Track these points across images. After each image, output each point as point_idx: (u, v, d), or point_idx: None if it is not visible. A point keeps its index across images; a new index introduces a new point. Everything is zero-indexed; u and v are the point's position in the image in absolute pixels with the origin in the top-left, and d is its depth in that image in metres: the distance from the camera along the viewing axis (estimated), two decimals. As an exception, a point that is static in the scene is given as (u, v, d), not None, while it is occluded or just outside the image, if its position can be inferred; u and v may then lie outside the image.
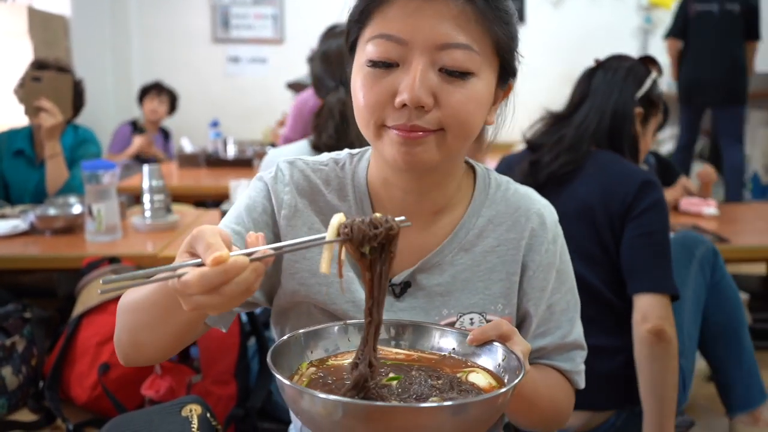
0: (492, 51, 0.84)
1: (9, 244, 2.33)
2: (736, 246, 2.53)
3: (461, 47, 0.81)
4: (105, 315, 2.10)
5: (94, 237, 2.35)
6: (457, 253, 0.94)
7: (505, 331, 0.77)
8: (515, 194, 0.99)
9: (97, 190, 2.31)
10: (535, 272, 0.95)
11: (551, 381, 0.96)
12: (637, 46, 5.89)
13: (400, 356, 0.80)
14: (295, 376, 0.74)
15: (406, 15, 0.80)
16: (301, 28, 5.48)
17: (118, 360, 0.91)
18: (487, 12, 0.82)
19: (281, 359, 0.73)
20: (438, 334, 0.82)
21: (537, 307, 0.96)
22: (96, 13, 5.20)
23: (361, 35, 0.86)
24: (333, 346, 0.80)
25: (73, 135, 2.97)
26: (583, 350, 1.00)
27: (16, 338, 2.17)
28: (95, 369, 2.04)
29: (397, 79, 0.82)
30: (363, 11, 0.85)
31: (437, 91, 0.81)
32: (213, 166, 4.22)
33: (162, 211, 2.53)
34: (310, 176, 0.97)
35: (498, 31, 0.83)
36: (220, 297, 0.64)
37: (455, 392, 0.70)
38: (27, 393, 2.20)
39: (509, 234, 0.95)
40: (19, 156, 2.90)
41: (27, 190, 2.89)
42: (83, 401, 2.07)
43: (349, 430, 0.63)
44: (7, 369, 2.12)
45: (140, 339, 0.86)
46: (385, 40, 0.81)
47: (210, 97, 5.81)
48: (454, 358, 0.79)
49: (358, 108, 0.86)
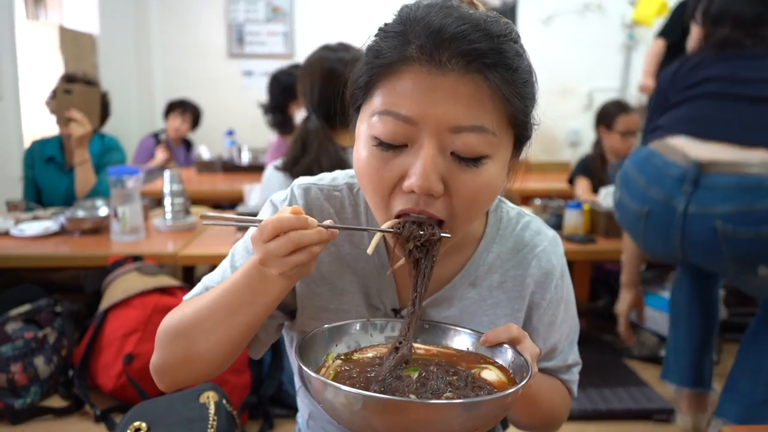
0: (507, 124, 0.73)
1: (41, 243, 2.34)
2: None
3: (475, 130, 0.69)
4: (129, 309, 2.11)
5: (119, 237, 2.36)
6: (466, 288, 0.89)
7: (516, 335, 0.76)
8: (524, 229, 0.92)
9: (122, 193, 2.32)
10: (545, 310, 0.91)
11: (551, 385, 0.95)
12: (621, 61, 5.89)
13: (421, 351, 0.81)
14: (322, 368, 0.75)
15: (416, 92, 0.69)
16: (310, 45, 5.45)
17: (158, 384, 0.84)
18: (503, 87, 0.70)
19: (307, 352, 0.74)
20: (453, 333, 0.82)
21: (546, 341, 0.93)
22: (121, 31, 5.22)
23: (366, 102, 0.75)
24: (355, 342, 0.81)
25: (100, 143, 2.98)
26: (578, 365, 0.99)
27: (47, 330, 2.18)
28: (120, 359, 2.05)
29: (405, 161, 0.71)
30: (369, 82, 0.73)
31: (448, 176, 0.71)
32: (228, 172, 4.22)
33: (182, 213, 2.54)
34: (323, 204, 0.90)
35: (514, 104, 0.72)
36: (287, 242, 0.67)
37: (469, 389, 0.70)
38: (58, 381, 2.21)
39: (516, 271, 0.90)
40: (51, 163, 2.91)
41: (58, 194, 2.90)
42: (109, 389, 2.08)
43: (367, 420, 0.63)
44: (40, 359, 2.13)
45: (196, 352, 0.80)
46: (393, 118, 0.70)
47: (226, 108, 5.82)
48: (470, 354, 0.80)
49: (364, 184, 0.77)
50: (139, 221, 2.39)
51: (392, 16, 0.75)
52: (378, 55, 0.72)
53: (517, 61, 0.71)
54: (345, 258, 0.90)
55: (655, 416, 2.15)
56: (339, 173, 0.94)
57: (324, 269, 0.89)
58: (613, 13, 5.81)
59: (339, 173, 0.94)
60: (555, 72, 5.69)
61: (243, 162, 4.32)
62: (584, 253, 2.50)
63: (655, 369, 2.52)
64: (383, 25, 0.75)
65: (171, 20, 5.78)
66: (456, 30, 0.68)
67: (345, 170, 0.95)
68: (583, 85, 5.85)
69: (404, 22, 0.72)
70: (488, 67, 0.69)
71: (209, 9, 5.75)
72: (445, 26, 0.68)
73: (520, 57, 0.73)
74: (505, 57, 0.70)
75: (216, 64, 5.82)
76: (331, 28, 5.46)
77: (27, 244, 2.32)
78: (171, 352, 0.82)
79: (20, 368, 2.07)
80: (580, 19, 5.83)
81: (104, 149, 2.98)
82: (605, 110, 3.42)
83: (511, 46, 0.71)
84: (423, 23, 0.69)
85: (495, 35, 0.70)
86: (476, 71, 0.68)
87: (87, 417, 2.08)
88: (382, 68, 0.71)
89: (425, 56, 0.68)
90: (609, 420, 2.14)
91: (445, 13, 0.70)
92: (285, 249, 0.68)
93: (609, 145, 3.40)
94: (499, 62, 0.69)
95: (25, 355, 2.09)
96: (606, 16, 5.83)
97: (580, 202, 2.69)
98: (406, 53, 0.70)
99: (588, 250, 2.49)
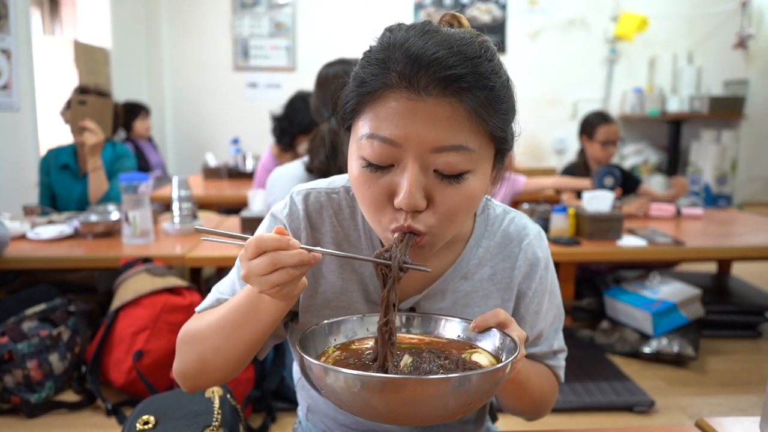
0: (487, 140, 0.73)
1: (56, 246, 2.33)
2: (690, 248, 2.53)
3: (455, 149, 0.70)
4: (139, 308, 2.10)
5: (130, 240, 2.35)
6: (458, 281, 0.90)
7: (503, 319, 0.77)
8: (510, 224, 0.93)
9: (133, 199, 2.32)
10: (531, 299, 0.92)
11: (540, 371, 0.95)
12: (604, 74, 5.91)
13: (414, 340, 0.81)
14: (322, 357, 0.76)
15: (398, 116, 0.70)
16: (311, 58, 5.50)
17: (181, 387, 0.87)
18: (480, 108, 0.70)
19: (307, 345, 0.75)
20: (443, 322, 0.83)
21: (533, 328, 0.94)
22: (133, 46, 5.21)
23: (354, 124, 0.77)
24: (352, 333, 0.81)
25: (111, 151, 2.97)
26: (564, 351, 0.99)
27: (61, 328, 2.17)
28: (130, 356, 2.04)
29: (393, 179, 0.73)
30: (355, 109, 0.75)
31: (431, 191, 0.72)
32: (234, 178, 4.22)
33: (189, 217, 2.53)
34: (322, 209, 0.90)
35: (491, 122, 0.72)
36: (266, 262, 0.67)
37: (460, 370, 0.71)
38: (71, 377, 2.20)
39: (504, 263, 0.92)
40: (65, 170, 2.90)
41: (72, 199, 2.88)
42: (120, 384, 2.07)
43: (366, 400, 0.63)
44: (54, 355, 2.12)
45: (209, 363, 0.83)
46: (378, 141, 0.71)
47: (231, 118, 5.82)
48: (459, 341, 0.80)
49: (358, 197, 0.78)
50: (149, 225, 2.38)
51: (374, 42, 0.75)
52: (362, 83, 0.73)
53: (494, 80, 0.71)
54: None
55: (636, 408, 2.15)
56: (336, 177, 0.95)
57: (324, 268, 0.90)
58: (596, 28, 5.84)
59: (336, 177, 0.95)
60: (542, 83, 5.71)
61: (247, 169, 4.32)
62: (570, 255, 2.50)
63: (636, 364, 2.53)
64: (367, 51, 0.75)
65: (180, 35, 5.78)
66: (432, 57, 0.68)
67: (342, 174, 0.95)
68: (568, 96, 5.87)
69: (385, 48, 0.72)
70: (465, 90, 0.69)
71: (216, 24, 5.75)
72: (422, 54, 0.68)
73: (497, 74, 0.72)
74: (481, 78, 0.70)
75: (222, 76, 5.82)
76: (331, 42, 5.47)
77: (43, 247, 2.31)
78: (187, 361, 0.85)
79: (36, 365, 2.06)
80: (565, 34, 5.85)
81: (116, 157, 2.97)
82: (587, 120, 3.42)
83: (486, 66, 0.71)
84: (402, 50, 0.70)
85: (470, 57, 0.70)
86: (453, 94, 0.69)
87: (99, 411, 2.07)
88: (365, 96, 0.72)
89: (404, 83, 0.69)
90: (593, 412, 2.13)
91: (423, 38, 0.70)
92: (264, 268, 0.68)
93: (590, 153, 3.41)
94: (474, 84, 0.69)
95: (40, 352, 2.08)
96: (590, 32, 5.86)
97: (566, 206, 2.69)
98: (386, 81, 0.70)
99: (573, 252, 2.49)
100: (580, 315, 2.89)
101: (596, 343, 2.68)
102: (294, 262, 0.68)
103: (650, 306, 2.57)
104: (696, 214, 3.17)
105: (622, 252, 2.52)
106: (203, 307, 0.91)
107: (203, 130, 5.35)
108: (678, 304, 2.58)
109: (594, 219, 2.59)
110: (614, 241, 2.58)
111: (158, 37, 5.68)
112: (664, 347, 2.50)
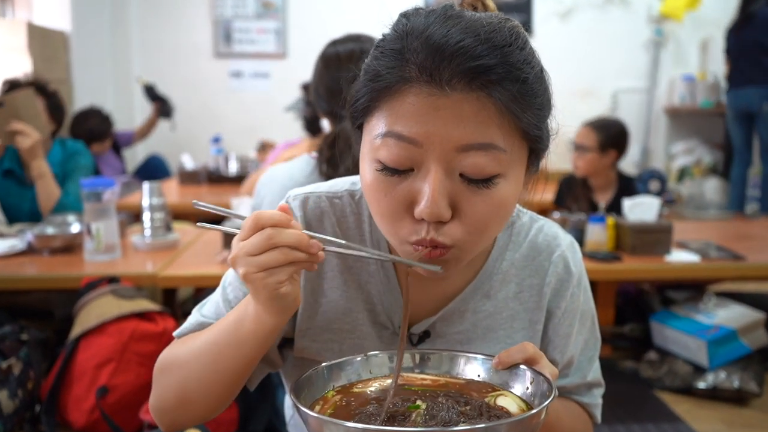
0: (520, 138, 0.73)
1: (6, 264, 2.34)
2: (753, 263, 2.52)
3: (483, 147, 0.70)
4: (103, 337, 2.10)
5: (93, 256, 2.36)
6: (480, 300, 0.90)
7: (531, 354, 0.75)
8: (539, 234, 0.93)
9: (96, 208, 2.32)
10: (561, 319, 0.92)
11: (572, 410, 0.94)
12: (648, 59, 5.91)
13: (427, 381, 0.80)
14: (320, 402, 0.75)
15: (419, 113, 0.69)
16: (304, 43, 5.52)
17: (158, 425, 0.88)
18: (511, 103, 0.70)
19: (303, 391, 0.74)
20: (463, 360, 0.81)
21: (563, 354, 0.93)
22: (96, 29, 5.25)
23: (367, 122, 0.77)
24: (356, 376, 0.80)
25: (61, 150, 2.93)
26: (601, 387, 0.98)
27: (12, 361, 2.17)
28: (93, 392, 2.04)
29: (412, 186, 0.73)
30: (368, 106, 0.75)
31: (457, 199, 0.72)
32: (214, 183, 4.24)
33: (162, 229, 2.54)
34: (323, 216, 0.90)
35: (524, 118, 0.72)
36: (261, 239, 0.69)
37: (485, 418, 0.69)
38: (23, 417, 2.19)
39: (532, 279, 0.91)
40: (9, 176, 2.85)
41: (22, 210, 2.85)
42: (81, 425, 2.06)
43: None
44: (3, 393, 2.12)
45: (190, 395, 0.83)
46: (396, 140, 0.71)
47: (211, 112, 5.85)
48: (480, 382, 0.79)
49: (371, 206, 0.79)
50: (115, 238, 2.39)
51: (388, 30, 0.76)
52: (376, 77, 0.73)
53: (526, 71, 0.71)
54: (348, 271, 0.90)
55: (690, 455, 2.14)
56: (338, 180, 0.95)
57: (326, 285, 0.90)
58: (638, 6, 5.85)
59: (338, 180, 0.95)
60: (575, 72, 5.72)
61: (230, 172, 4.33)
62: (609, 272, 2.50)
63: (689, 402, 2.51)
64: (381, 40, 0.76)
65: (151, 16, 5.82)
66: (457, 46, 0.68)
67: (345, 177, 0.96)
68: (605, 86, 5.88)
69: (401, 37, 0.72)
70: (494, 83, 0.69)
71: (193, 4, 5.79)
72: (445, 42, 0.69)
73: (529, 65, 0.72)
74: (512, 69, 0.70)
75: (201, 64, 5.86)
76: (327, 24, 5.49)
77: (-10, 265, 2.32)
78: (165, 393, 0.85)
79: (-19, 403, 2.06)
80: (601, 13, 5.86)
81: (67, 156, 2.92)
82: None
83: (518, 56, 0.71)
84: (422, 39, 0.70)
85: (500, 46, 0.70)
86: (480, 88, 0.69)
87: (55, 457, 2.07)
88: (380, 92, 0.73)
89: (425, 76, 0.69)
90: (638, 459, 2.12)
91: (445, 24, 0.70)
92: (257, 246, 0.69)
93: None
94: (505, 76, 0.69)
95: (-13, 388, 2.08)
96: (630, 10, 5.87)
97: (604, 215, 2.69)
98: (405, 74, 0.71)
99: (612, 269, 2.49)
100: (621, 343, 2.88)
101: (641, 377, 2.67)
102: (291, 240, 0.70)
103: (705, 333, 2.56)
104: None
105: (671, 269, 2.52)
106: (183, 331, 0.91)
107: (179, 127, 5.36)
108: (738, 331, 2.57)
109: (637, 230, 2.59)
110: (662, 256, 2.58)
111: (126, 18, 5.72)
112: (722, 382, 2.49)
